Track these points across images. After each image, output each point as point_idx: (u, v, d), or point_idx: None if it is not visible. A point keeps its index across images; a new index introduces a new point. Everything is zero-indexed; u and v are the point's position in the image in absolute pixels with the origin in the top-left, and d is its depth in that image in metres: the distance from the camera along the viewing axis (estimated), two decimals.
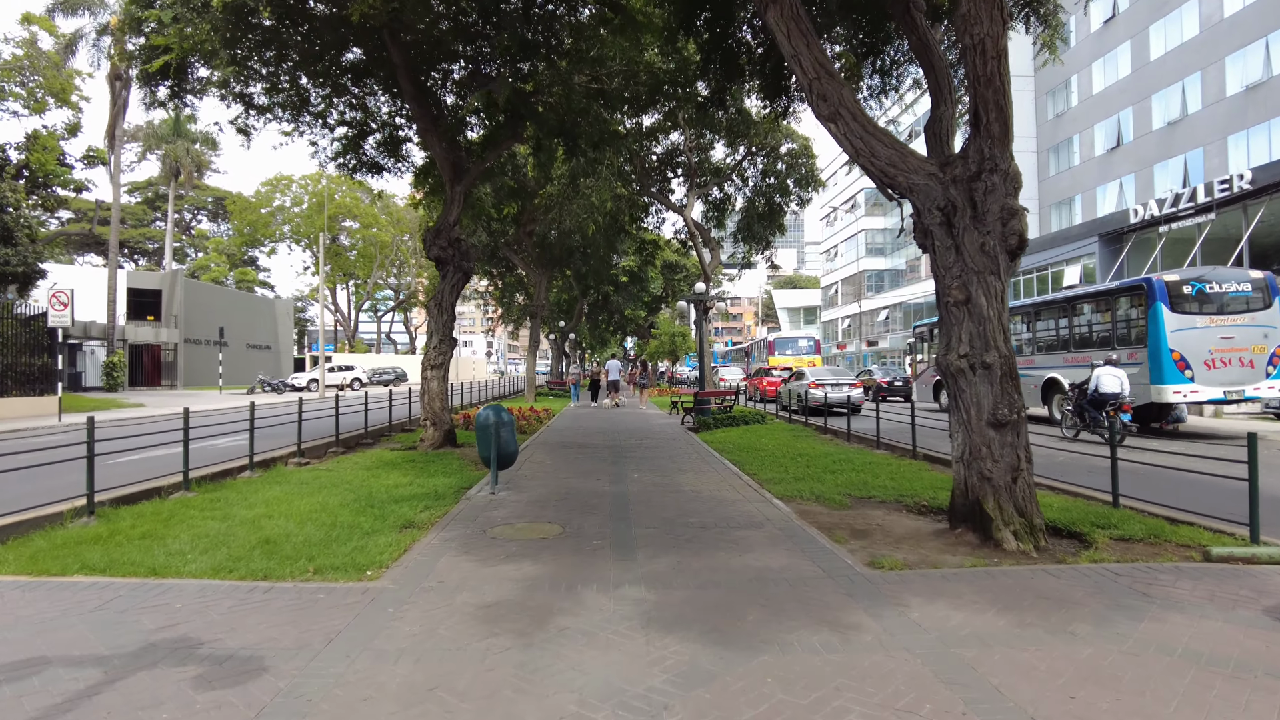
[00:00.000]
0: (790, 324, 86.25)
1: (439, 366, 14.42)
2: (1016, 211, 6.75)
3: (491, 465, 8.85)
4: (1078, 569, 5.50)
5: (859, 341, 66.00)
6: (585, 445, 14.50)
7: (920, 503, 8.14)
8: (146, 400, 30.19)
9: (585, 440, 15.46)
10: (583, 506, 8.09)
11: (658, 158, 26.43)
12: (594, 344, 69.96)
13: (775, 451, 13.17)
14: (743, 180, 26.13)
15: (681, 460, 12.12)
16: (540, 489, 9.25)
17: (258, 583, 5.30)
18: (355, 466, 11.47)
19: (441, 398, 14.34)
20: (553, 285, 46.98)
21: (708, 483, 9.74)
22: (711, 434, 16.78)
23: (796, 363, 37.64)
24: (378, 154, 17.90)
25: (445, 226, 14.78)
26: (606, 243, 26.48)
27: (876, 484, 9.44)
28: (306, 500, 8.39)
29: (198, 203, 77.30)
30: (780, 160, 24.88)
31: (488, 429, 8.77)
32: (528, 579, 5.36)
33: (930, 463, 11.79)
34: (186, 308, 44.87)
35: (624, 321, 53.05)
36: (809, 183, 24.74)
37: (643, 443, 15.00)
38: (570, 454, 13.06)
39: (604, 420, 21.14)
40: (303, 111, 16.17)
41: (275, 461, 11.83)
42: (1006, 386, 6.49)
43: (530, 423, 18.51)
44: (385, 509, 7.94)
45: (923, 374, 26.01)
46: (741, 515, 7.57)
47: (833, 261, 73.09)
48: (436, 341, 14.44)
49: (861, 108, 7.40)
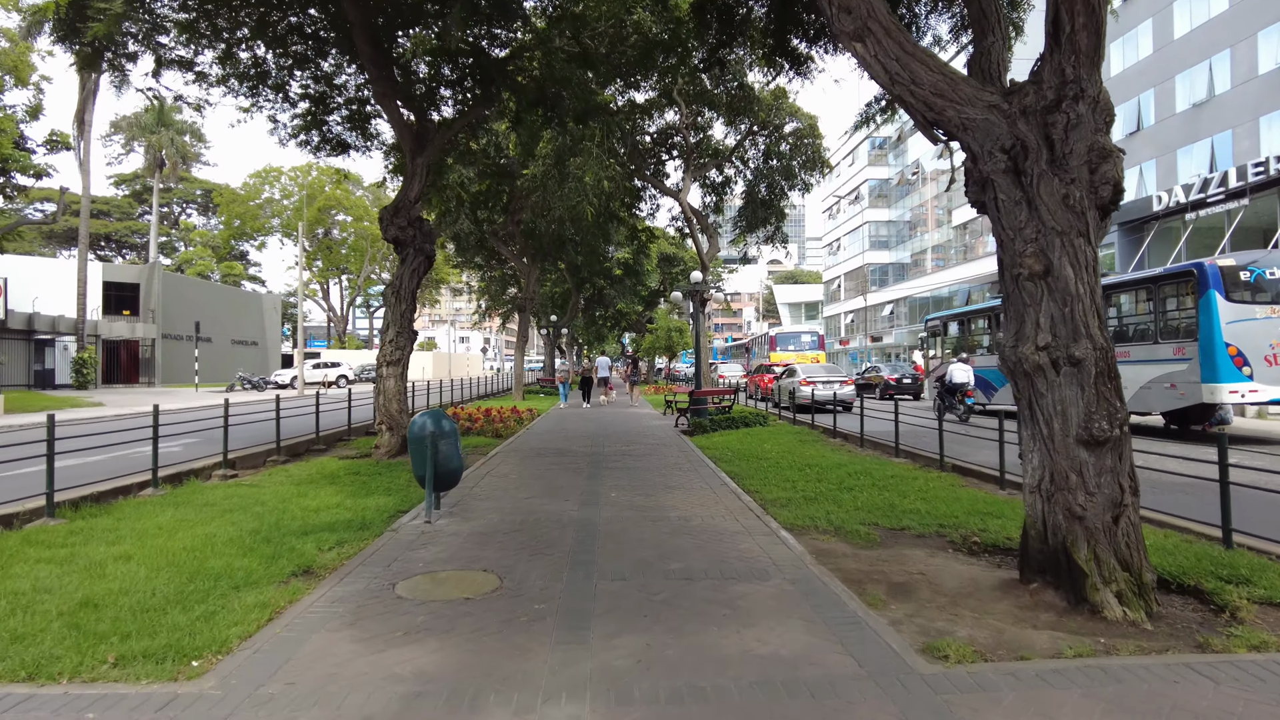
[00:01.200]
0: (791, 319, 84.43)
1: (396, 363, 12.65)
2: (1110, 153, 4.97)
3: (427, 487, 7.08)
4: (1238, 662, 3.73)
5: (862, 337, 64.21)
6: (563, 452, 12.73)
7: (969, 537, 6.36)
8: (112, 399, 28.44)
9: (564, 446, 13.69)
10: (537, 542, 6.33)
11: (652, 139, 24.65)
12: (591, 340, 68.23)
13: (779, 460, 11.41)
14: (743, 163, 24.32)
15: (671, 472, 10.35)
16: (492, 514, 7.49)
17: (10, 688, 3.55)
18: (286, 481, 9.73)
19: (399, 398, 12.58)
20: (545, 278, 45.32)
21: (700, 505, 7.98)
22: (708, 438, 15.02)
23: (799, 359, 35.98)
24: (344, 130, 16.20)
25: (405, 203, 13.01)
26: (599, 230, 24.66)
27: (907, 507, 7.67)
28: (193, 531, 6.65)
29: (186, 196, 75.51)
30: (784, 140, 23.08)
31: (422, 441, 7.02)
32: (419, 679, 3.60)
33: (963, 476, 10.03)
34: (165, 302, 43.09)
35: (620, 317, 51.30)
36: (815, 165, 22.93)
37: (629, 449, 13.22)
38: (543, 464, 11.29)
39: (590, 422, 19.38)
40: (261, 85, 14.46)
41: (196, 474, 10.07)
42: (1104, 389, 4.73)
43: (508, 424, 16.76)
44: (286, 545, 6.20)
45: (935, 370, 24.26)
46: (740, 557, 5.80)
47: (835, 255, 71.28)
48: (393, 334, 12.67)
49: (897, 21, 5.62)
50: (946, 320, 23.94)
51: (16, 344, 33.88)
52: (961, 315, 23.04)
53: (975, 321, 22.26)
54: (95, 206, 68.01)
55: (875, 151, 63.64)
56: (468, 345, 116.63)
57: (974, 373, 21.41)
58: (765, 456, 11.91)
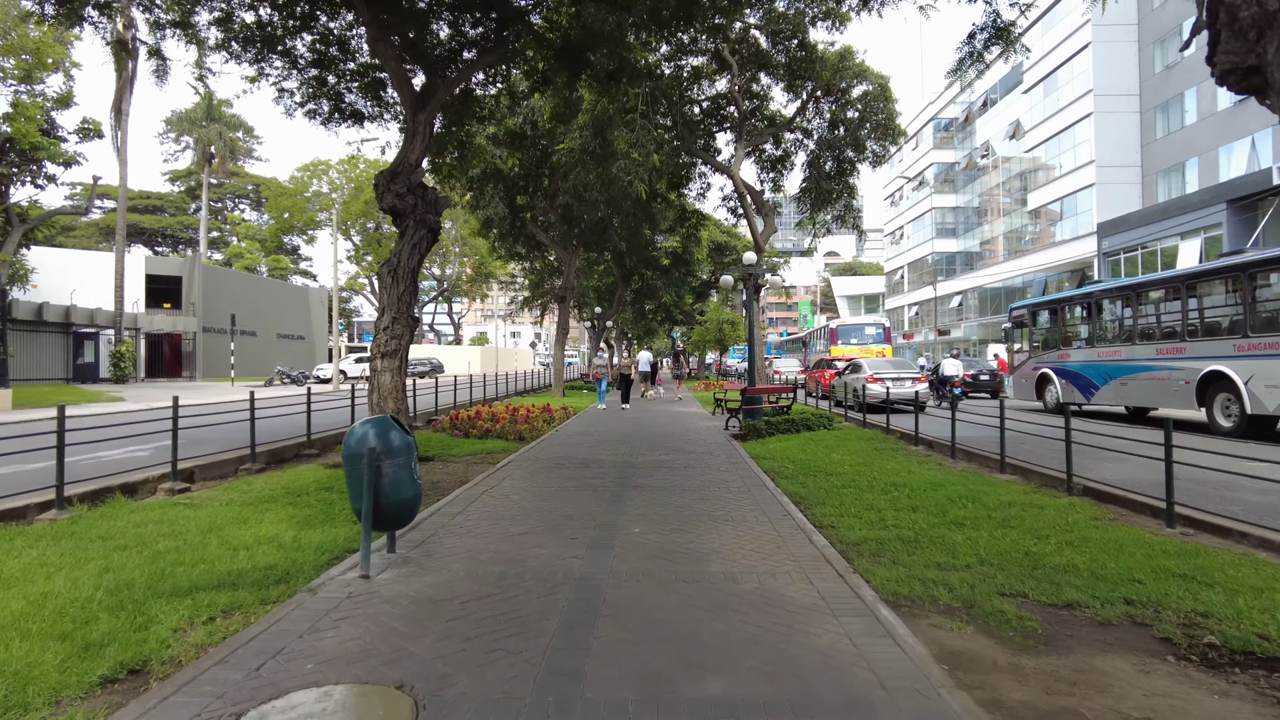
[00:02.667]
0: (850, 312, 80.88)
1: (392, 354, 10.66)
2: None
3: (364, 528, 4.98)
4: None
5: (927, 330, 60.66)
6: (588, 463, 10.57)
7: (1192, 628, 3.99)
8: (142, 394, 27.41)
9: (592, 454, 11.52)
10: (505, 622, 4.17)
11: (701, 109, 22.32)
12: (640, 334, 66.07)
13: (854, 477, 9.07)
14: (805, 134, 21.80)
15: (716, 493, 8.10)
16: (461, 562, 5.36)
17: None
18: (238, 499, 7.81)
19: (396, 396, 10.59)
20: (592, 270, 43.33)
21: (754, 548, 5.73)
22: (763, 444, 12.72)
23: (863, 353, 33.29)
24: (356, 97, 14.42)
25: (404, 167, 11.02)
26: (643, 213, 22.44)
27: (1057, 561, 5.30)
28: (32, 586, 4.73)
29: (238, 190, 75.91)
30: (851, 106, 20.50)
31: (358, 461, 4.93)
32: None
33: (1099, 502, 7.56)
34: (207, 295, 42.39)
35: (667, 309, 49.03)
36: (887, 133, 20.28)
37: (668, 458, 10.99)
38: (559, 478, 9.15)
39: (628, 422, 17.21)
40: (267, 50, 12.75)
41: (133, 489, 8.22)
42: None
43: (534, 426, 14.70)
44: (143, 615, 4.25)
45: (1021, 366, 21.42)
46: (823, 668, 3.55)
47: (898, 244, 67.67)
48: (388, 320, 10.68)
49: None
50: (1035, 309, 21.08)
51: (54, 337, 33.28)
52: (1053, 303, 20.17)
53: (1070, 310, 19.41)
54: (149, 202, 68.77)
55: (941, 134, 60.00)
56: (518, 339, 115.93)
57: (1070, 368, 18.62)
58: (835, 471, 9.57)
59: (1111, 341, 17.11)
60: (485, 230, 28.53)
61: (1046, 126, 41.16)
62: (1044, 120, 41.40)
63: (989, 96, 52.40)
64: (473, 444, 12.74)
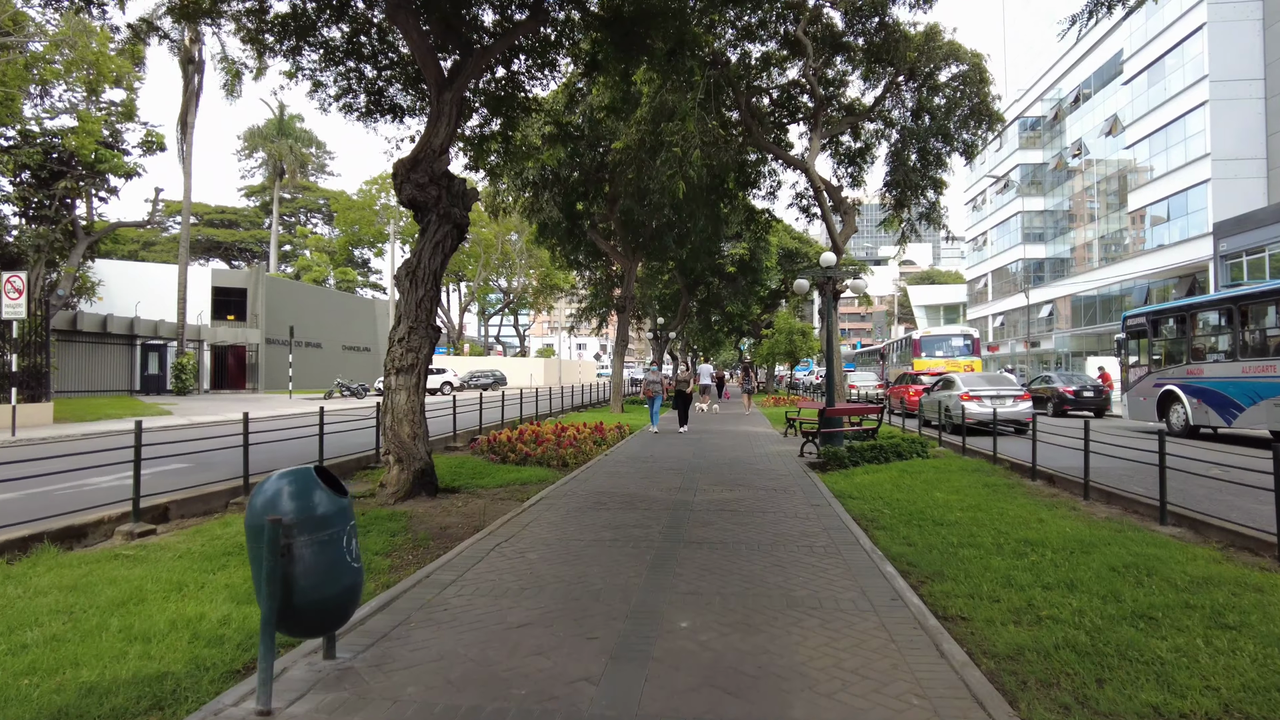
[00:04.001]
0: (928, 323, 77.07)
1: (409, 369, 9.13)
2: None
3: (263, 638, 3.31)
4: None
5: (1014, 341, 56.89)
6: (634, 501, 8.78)
7: None
8: (196, 406, 26.96)
9: (640, 489, 9.73)
10: None
11: (771, 100, 20.43)
12: (707, 346, 64.03)
13: (971, 528, 7.06)
14: (887, 124, 19.65)
15: (795, 557, 6.19)
16: (419, 683, 3.63)
17: None
18: (199, 549, 6.36)
19: (413, 419, 9.06)
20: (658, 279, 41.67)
21: (857, 671, 3.83)
22: (848, 476, 10.72)
23: (949, 366, 30.61)
24: (396, 89, 13.20)
25: (426, 154, 9.53)
26: (708, 213, 20.63)
27: None
28: None
29: (309, 205, 77.29)
30: (939, 92, 18.31)
31: (259, 535, 3.28)
32: None
33: None
34: (271, 307, 42.42)
35: (733, 320, 46.92)
36: (981, 119, 17.99)
37: (731, 498, 9.10)
38: (594, 525, 7.38)
39: (689, 444, 15.38)
40: (302, 43, 11.68)
41: (82, 532, 6.85)
42: None
43: (582, 449, 13.02)
44: None
45: (1139, 382, 18.68)
46: None
47: (981, 251, 63.93)
48: (404, 331, 9.16)
49: None
50: (1157, 316, 18.37)
51: (119, 349, 33.45)
52: (1182, 310, 17.47)
53: (1203, 317, 16.74)
54: (225, 216, 70.44)
55: (1028, 133, 56.36)
56: (583, 351, 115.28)
57: (1204, 385, 15.95)
58: (945, 519, 7.55)
59: (1265, 354, 14.45)
60: (542, 236, 27.15)
61: (1151, 119, 37.64)
62: (1148, 113, 37.89)
63: (1081, 91, 48.76)
64: (508, 471, 11.13)
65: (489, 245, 70.55)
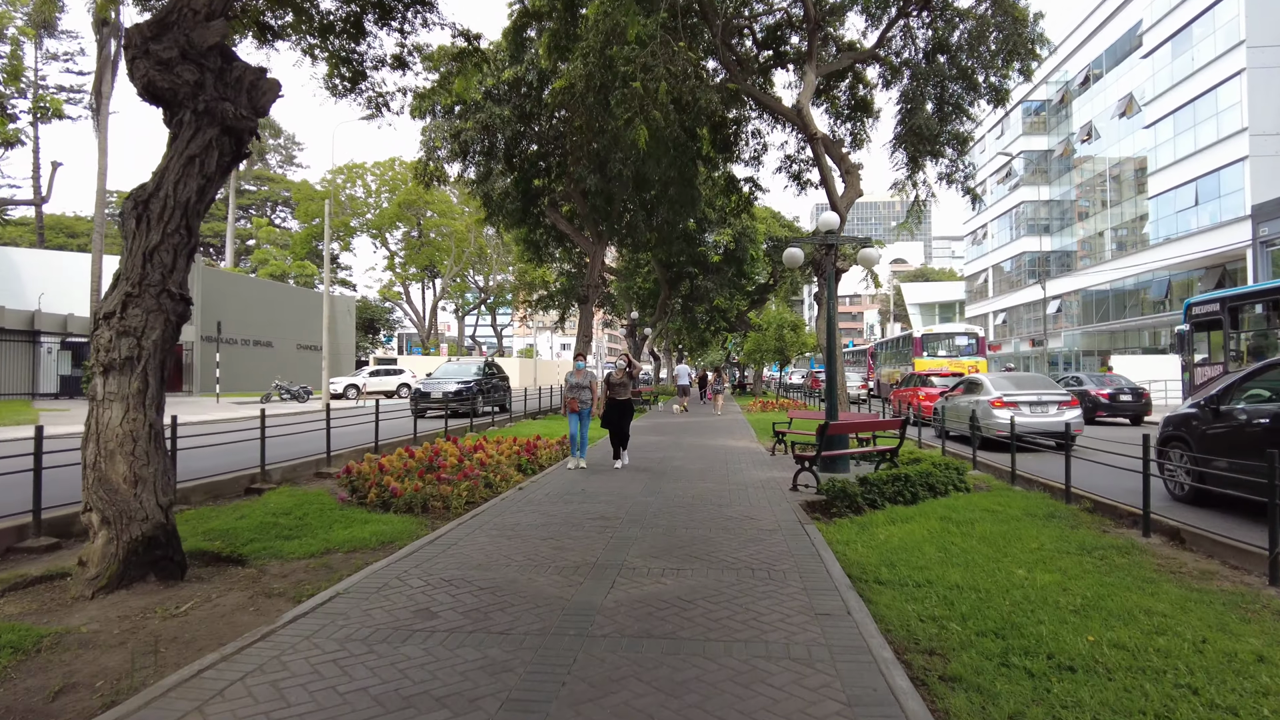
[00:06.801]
0: (923, 322, 73.63)
1: (124, 367, 5.33)
2: None
3: None
4: None
5: (1017, 340, 53.52)
6: (495, 605, 4.98)
7: None
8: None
9: (526, 566, 5.94)
10: None
11: (756, 41, 16.74)
12: (693, 346, 60.27)
13: (1125, 681, 3.31)
14: (892, 71, 15.96)
15: None
16: None
17: None
18: None
19: (133, 451, 5.27)
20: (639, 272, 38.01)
21: None
22: (865, 531, 6.99)
23: (953, 366, 27.35)
24: None
25: (183, 14, 5.75)
26: (679, 176, 16.88)
27: None
28: None
29: (273, 196, 73.08)
30: (959, 22, 14.67)
31: None
32: None
33: None
34: (208, 302, 38.30)
35: (718, 314, 43.23)
36: (1015, 55, 14.32)
37: (673, 595, 5.32)
38: (364, 694, 3.63)
39: (639, 472, 11.67)
40: None
41: None
42: None
43: (494, 476, 9.24)
44: None
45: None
46: None
47: (980, 245, 60.53)
48: (117, 303, 5.37)
49: None
50: (1236, 303, 14.81)
51: (17, 346, 29.43)
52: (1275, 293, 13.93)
53: None
54: None
55: (1031, 118, 52.97)
56: (566, 351, 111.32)
57: None
58: (1071, 652, 3.80)
59: None
60: (491, 214, 23.32)
61: (1175, 94, 34.20)
62: (1171, 87, 34.45)
63: (1091, 71, 45.39)
64: (354, 522, 7.35)
65: (461, 239, 66.63)
